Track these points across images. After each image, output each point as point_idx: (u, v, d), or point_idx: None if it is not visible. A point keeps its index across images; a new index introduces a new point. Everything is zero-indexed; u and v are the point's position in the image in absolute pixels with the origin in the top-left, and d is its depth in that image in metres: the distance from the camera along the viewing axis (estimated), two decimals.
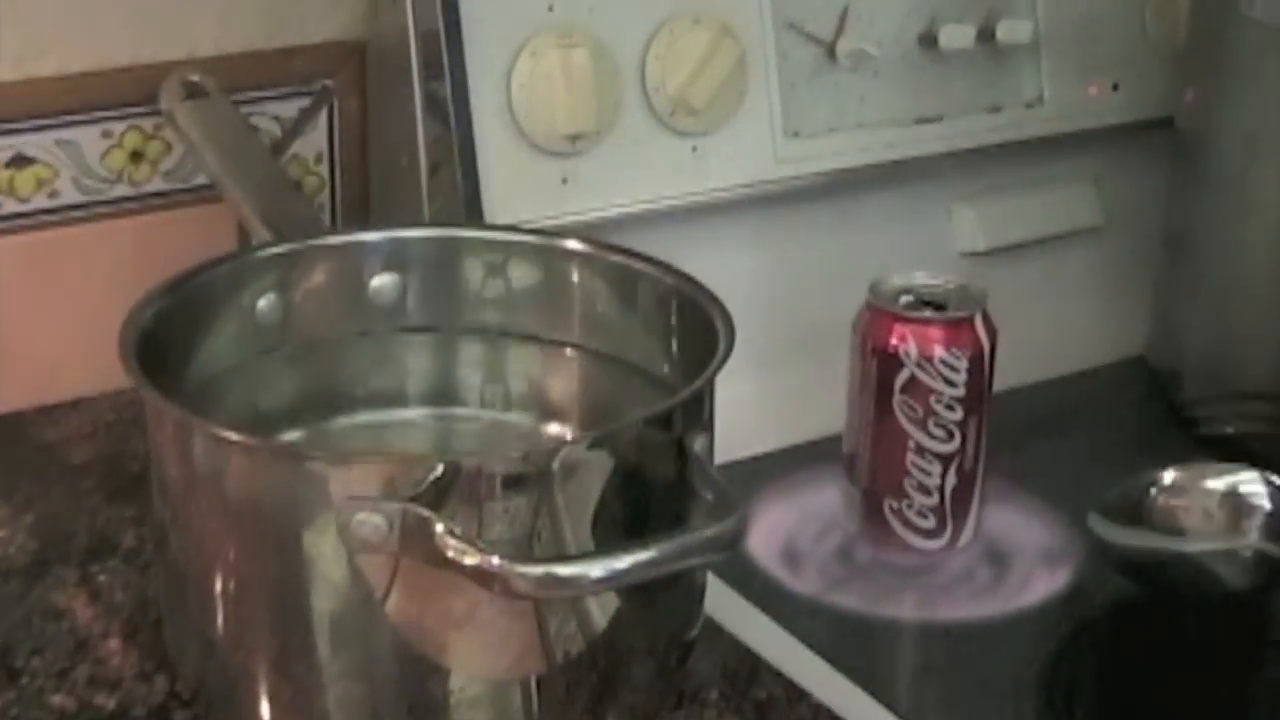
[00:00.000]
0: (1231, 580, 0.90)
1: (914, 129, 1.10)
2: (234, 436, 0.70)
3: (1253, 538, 0.89)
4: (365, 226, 0.93)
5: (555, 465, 0.68)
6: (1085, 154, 1.17)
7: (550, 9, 0.97)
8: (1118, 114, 1.16)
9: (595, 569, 0.65)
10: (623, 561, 0.65)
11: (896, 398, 0.92)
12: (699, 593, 0.78)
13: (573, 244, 0.85)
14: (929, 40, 1.10)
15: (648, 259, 0.82)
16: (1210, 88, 1.09)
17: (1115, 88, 1.16)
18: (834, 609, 0.92)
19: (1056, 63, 1.14)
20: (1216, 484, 0.91)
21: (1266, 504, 0.89)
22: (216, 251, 0.97)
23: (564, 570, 0.65)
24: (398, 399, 0.87)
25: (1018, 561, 0.97)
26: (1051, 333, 1.16)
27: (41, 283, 1.00)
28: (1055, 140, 1.14)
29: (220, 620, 0.74)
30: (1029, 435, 1.08)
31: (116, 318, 0.94)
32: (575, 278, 0.85)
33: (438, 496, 0.67)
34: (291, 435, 0.83)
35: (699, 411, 0.74)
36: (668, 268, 0.82)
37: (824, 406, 1.01)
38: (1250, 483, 0.90)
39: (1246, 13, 1.02)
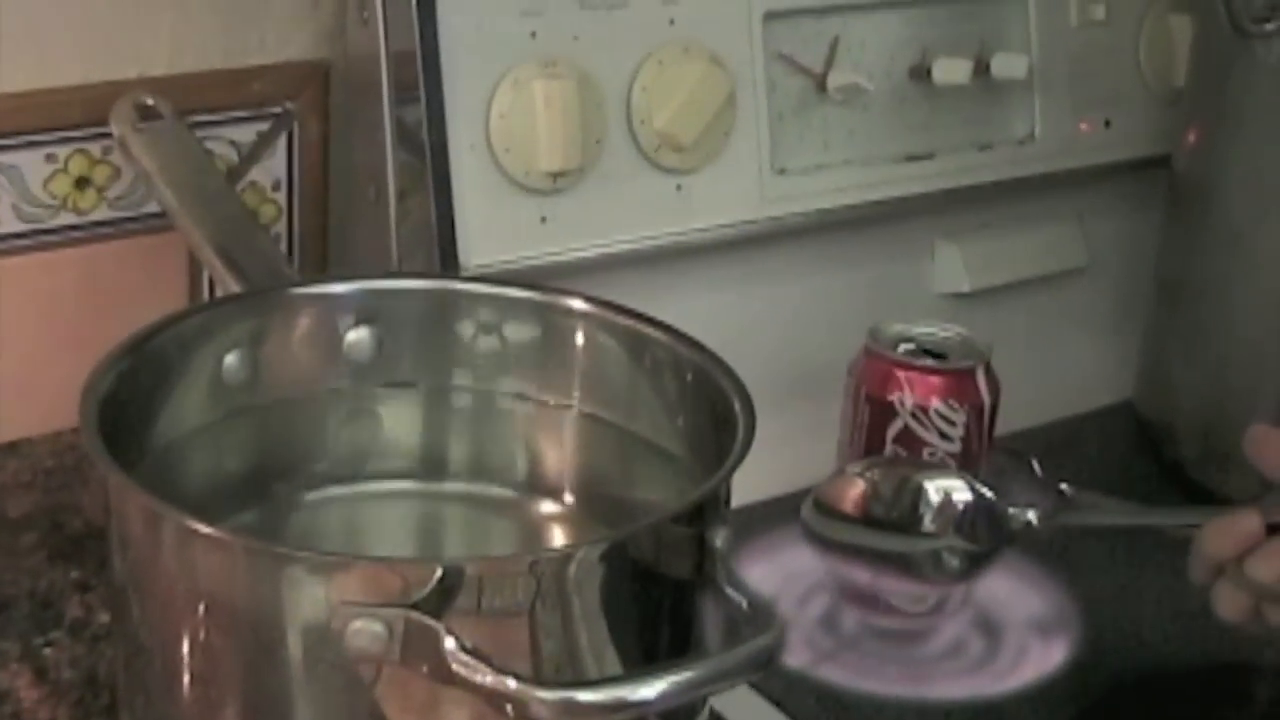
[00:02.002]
0: (931, 573, 0.87)
1: (903, 166, 1.07)
2: (215, 533, 0.64)
3: (950, 535, 0.85)
4: (339, 275, 0.88)
5: (568, 571, 0.64)
6: (1073, 193, 1.15)
7: (533, 35, 0.93)
8: (1109, 152, 1.15)
9: (617, 694, 0.59)
10: (647, 688, 0.59)
11: (888, 448, 0.86)
12: None
13: (576, 303, 0.81)
14: (920, 73, 1.07)
15: (659, 324, 0.78)
16: (1213, 131, 1.06)
17: (1107, 124, 1.15)
18: (824, 685, 0.88)
19: (1049, 99, 1.12)
20: (920, 481, 0.86)
21: (967, 499, 0.84)
22: (165, 284, 0.98)
23: (586, 696, 0.59)
24: (375, 465, 0.83)
25: (1010, 632, 0.93)
26: (1036, 377, 1.12)
27: None
28: (1045, 178, 1.12)
29: (188, 710, 0.68)
30: None
31: (56, 354, 0.95)
32: (577, 339, 0.81)
33: (440, 602, 0.61)
34: (261, 508, 0.79)
35: (720, 504, 0.69)
36: (680, 335, 0.77)
37: (810, 454, 0.97)
38: (951, 482, 0.86)
39: (1264, 59, 0.98)
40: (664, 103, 0.96)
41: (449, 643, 0.60)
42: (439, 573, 0.62)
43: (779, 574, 0.96)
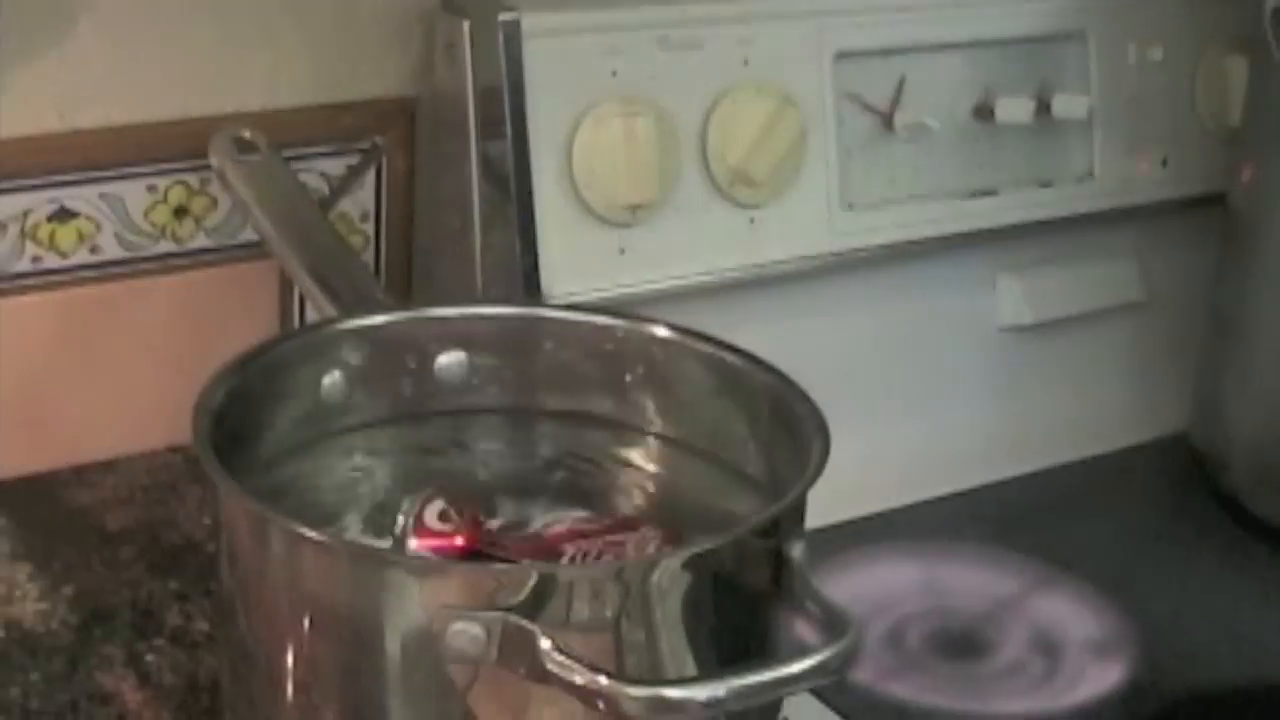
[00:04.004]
0: None
1: (967, 202, 1.09)
2: (321, 538, 0.68)
3: None
4: (433, 301, 0.91)
5: (652, 579, 0.66)
6: (1130, 229, 1.17)
7: (614, 74, 0.96)
8: (1166, 190, 1.17)
9: (704, 692, 0.63)
10: (732, 685, 0.63)
11: None
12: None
13: (659, 329, 0.83)
14: (984, 113, 1.09)
15: (737, 350, 0.81)
16: (1267, 168, 1.07)
17: (1164, 163, 1.16)
18: (889, 699, 0.91)
19: (1107, 137, 1.13)
20: None
21: None
22: (258, 310, 1.01)
23: (673, 693, 0.63)
24: (465, 485, 0.84)
25: (1068, 653, 0.95)
26: (1093, 408, 1.16)
27: (79, 340, 0.98)
28: (1103, 215, 1.14)
29: (290, 714, 0.71)
30: (1072, 515, 1.08)
31: (152, 376, 0.98)
32: (660, 364, 0.83)
33: (534, 607, 0.65)
34: (357, 523, 0.81)
35: (797, 518, 0.72)
36: (758, 361, 0.79)
37: (879, 480, 1.01)
38: None
39: None
40: (737, 139, 0.98)
41: (544, 644, 0.63)
42: (534, 578, 0.65)
43: (845, 595, 0.99)
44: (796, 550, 0.70)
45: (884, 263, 1.06)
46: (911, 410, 1.09)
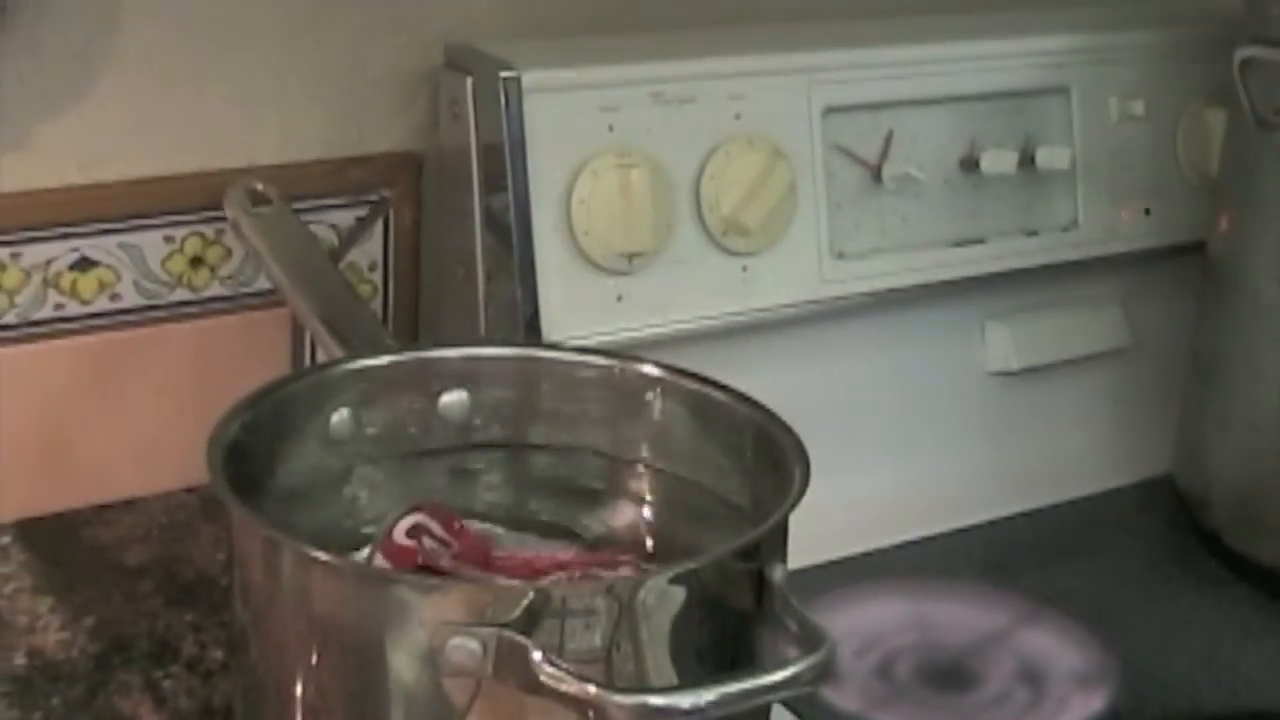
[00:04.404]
0: None
1: (954, 250, 1.11)
2: (331, 560, 0.71)
3: None
4: (435, 343, 0.94)
5: (640, 596, 0.69)
6: (1115, 277, 1.19)
7: (610, 128, 0.99)
8: (1148, 239, 1.18)
9: (686, 700, 0.66)
10: (713, 694, 0.66)
11: None
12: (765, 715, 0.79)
13: (648, 368, 0.86)
14: (970, 164, 1.11)
15: (722, 386, 0.83)
16: (1243, 216, 1.09)
17: (1147, 213, 1.18)
18: None
19: (1091, 188, 1.15)
20: None
21: None
22: (269, 356, 1.03)
23: (657, 700, 0.66)
24: (467, 516, 0.86)
25: (1052, 683, 0.97)
26: (1078, 451, 1.18)
27: (99, 383, 1.00)
28: (1087, 263, 1.16)
29: None
30: (1059, 553, 1.10)
31: (169, 419, 1.01)
32: (650, 401, 0.86)
33: (529, 622, 0.68)
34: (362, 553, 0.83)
35: (779, 541, 0.75)
36: (741, 396, 0.82)
37: (868, 520, 1.04)
38: None
39: None
40: (730, 191, 1.00)
41: (536, 655, 0.67)
42: (529, 595, 0.68)
43: (837, 630, 1.01)
44: (778, 573, 0.73)
45: (874, 310, 1.08)
46: (901, 452, 1.11)
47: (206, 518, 1.01)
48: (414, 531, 0.81)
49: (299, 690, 0.72)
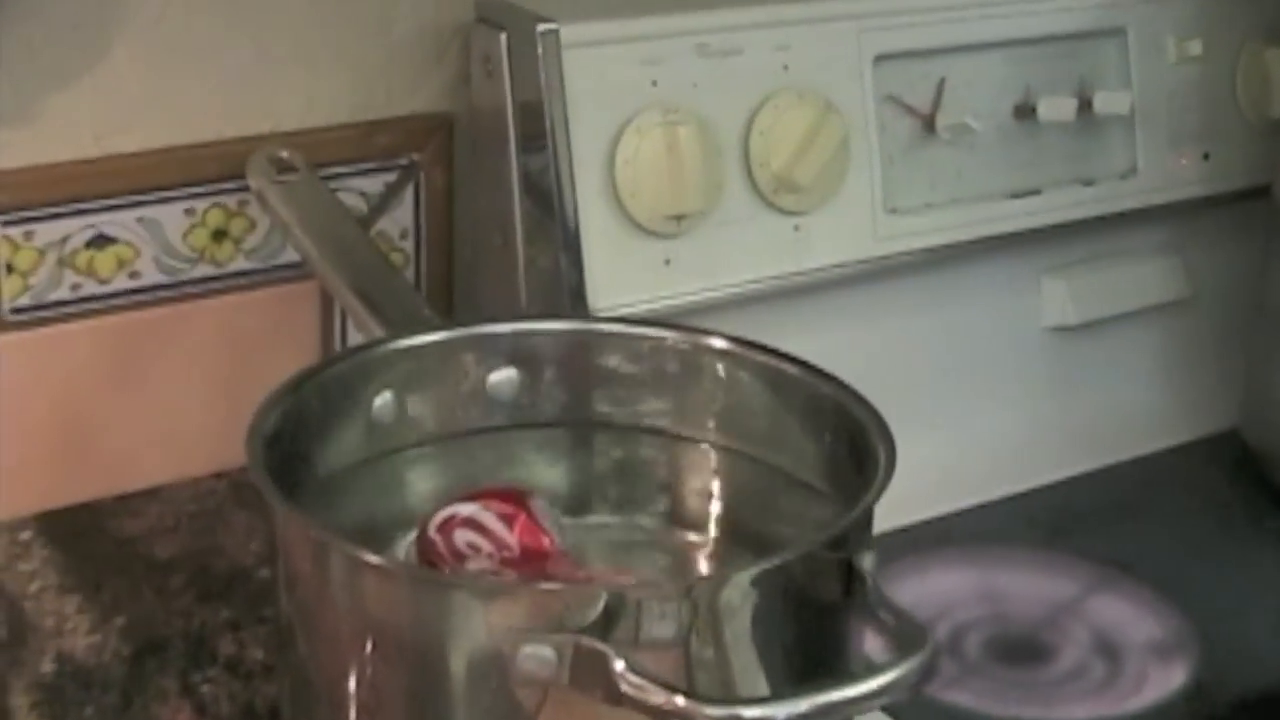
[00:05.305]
0: None
1: (1010, 203, 1.08)
2: (385, 563, 0.67)
3: None
4: (483, 318, 0.90)
5: (722, 596, 0.66)
6: (1173, 225, 1.16)
7: (654, 84, 0.95)
8: (1208, 184, 1.15)
9: (781, 710, 0.62)
10: (808, 703, 0.62)
11: None
12: None
13: (715, 341, 0.82)
14: (1025, 112, 1.08)
15: (796, 360, 0.80)
16: None
17: (1206, 157, 1.16)
18: (950, 708, 0.90)
19: (1149, 134, 1.12)
20: None
21: None
22: (299, 332, 1.00)
23: (751, 712, 0.62)
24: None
25: (1130, 655, 0.94)
26: (1139, 407, 1.16)
27: (120, 366, 0.98)
28: (1145, 212, 1.13)
29: None
30: (1125, 516, 1.07)
31: (195, 402, 0.97)
32: (716, 375, 0.82)
33: (603, 627, 0.63)
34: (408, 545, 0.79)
35: (866, 528, 0.71)
36: (817, 370, 0.79)
37: (927, 485, 0.99)
38: None
39: None
40: (780, 146, 0.97)
41: (619, 665, 0.62)
42: (603, 599, 0.64)
43: (902, 602, 0.99)
44: (866, 561, 0.69)
45: (928, 266, 1.05)
46: (959, 413, 1.08)
47: (237, 504, 0.98)
48: (446, 525, 0.77)
49: (353, 691, 0.69)
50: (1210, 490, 1.10)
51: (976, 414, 1.09)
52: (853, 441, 0.75)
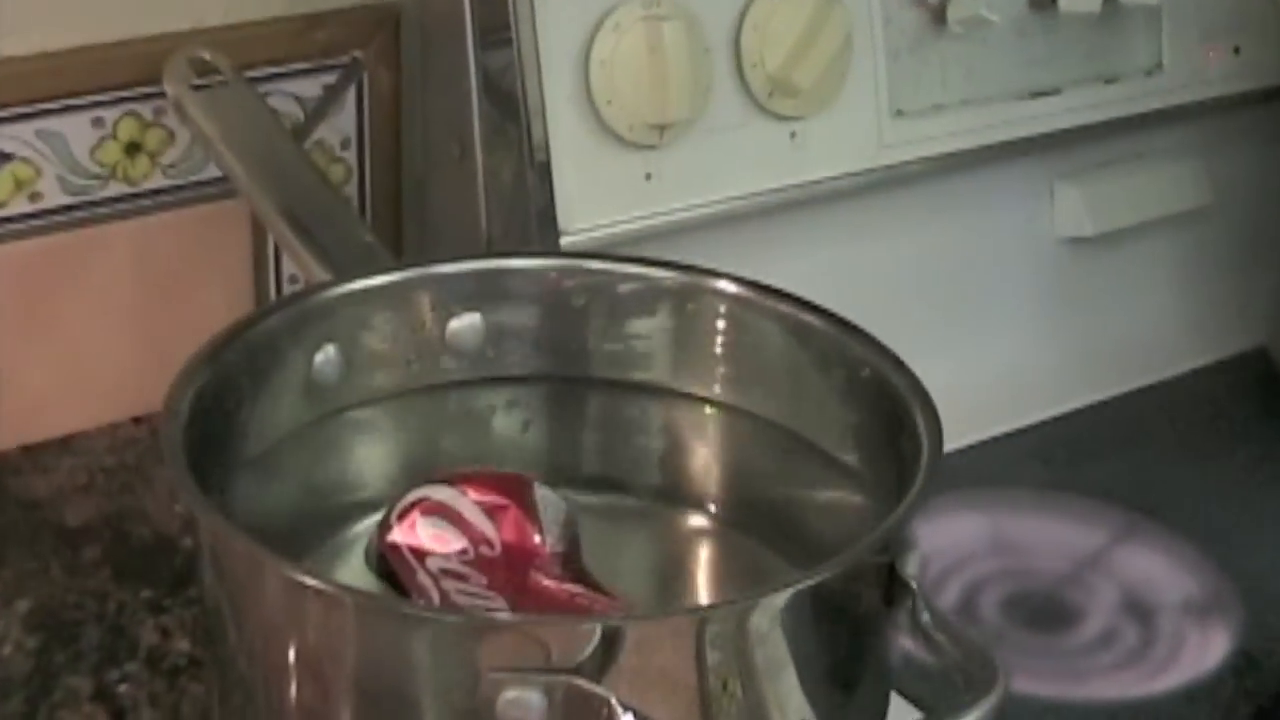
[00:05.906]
0: None
1: (1025, 104, 1.02)
2: (341, 595, 0.58)
3: None
4: (440, 256, 0.83)
5: (750, 623, 0.58)
6: (1197, 127, 1.10)
7: None
8: (1239, 82, 1.09)
9: None
10: None
11: None
12: None
13: (725, 284, 0.76)
14: (1043, 2, 1.01)
15: (823, 311, 0.73)
16: None
17: (1236, 52, 1.09)
18: None
19: (1176, 26, 1.06)
20: None
21: None
22: (226, 257, 0.97)
23: None
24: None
25: (1164, 618, 0.88)
26: (1161, 324, 1.11)
27: (24, 301, 0.92)
28: (1169, 112, 1.08)
29: None
30: (1148, 449, 1.02)
31: (110, 339, 0.94)
32: (722, 325, 0.77)
33: (601, 664, 0.56)
34: (364, 523, 0.72)
35: (909, 525, 0.63)
36: (849, 326, 0.72)
37: None
38: None
39: None
40: (776, 44, 0.90)
41: (626, 715, 0.55)
42: (598, 633, 0.56)
43: None
44: (911, 564, 0.61)
45: (934, 175, 0.99)
46: (966, 335, 1.04)
47: (160, 457, 0.89)
48: (408, 512, 0.70)
49: (294, 697, 0.61)
50: (1237, 413, 1.06)
51: (984, 334, 1.05)
52: (887, 411, 0.69)
